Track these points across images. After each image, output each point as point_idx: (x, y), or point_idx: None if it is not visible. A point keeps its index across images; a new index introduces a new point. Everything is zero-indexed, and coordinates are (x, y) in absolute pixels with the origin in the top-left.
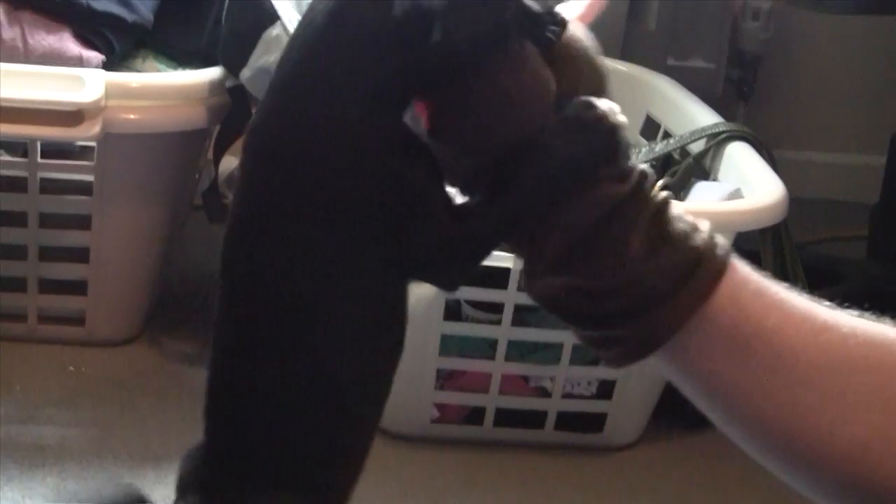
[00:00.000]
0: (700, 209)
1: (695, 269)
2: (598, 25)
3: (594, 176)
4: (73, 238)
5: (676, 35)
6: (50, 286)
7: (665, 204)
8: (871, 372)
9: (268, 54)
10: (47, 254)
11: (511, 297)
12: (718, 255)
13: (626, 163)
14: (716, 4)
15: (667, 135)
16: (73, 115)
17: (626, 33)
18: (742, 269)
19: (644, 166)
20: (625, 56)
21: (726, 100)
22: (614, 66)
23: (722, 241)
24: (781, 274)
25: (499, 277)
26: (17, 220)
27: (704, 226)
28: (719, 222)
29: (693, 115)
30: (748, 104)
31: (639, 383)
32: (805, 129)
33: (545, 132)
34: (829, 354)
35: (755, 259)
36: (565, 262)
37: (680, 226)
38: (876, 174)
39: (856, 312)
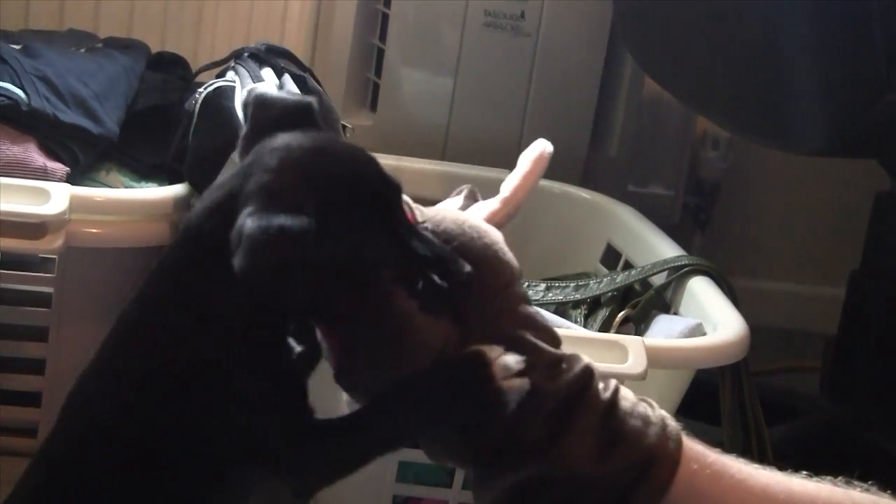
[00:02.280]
0: (662, 345)
1: (649, 468)
2: (559, 151)
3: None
4: (29, 349)
5: (636, 162)
6: (3, 397)
7: (615, 400)
8: None
9: None
10: (2, 365)
11: None
12: (672, 449)
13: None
14: (676, 132)
15: (628, 265)
16: (37, 228)
17: (587, 159)
18: (696, 452)
19: (585, 363)
20: (586, 182)
21: (683, 227)
22: (576, 193)
23: (674, 428)
24: (740, 411)
25: None
26: None
27: (656, 415)
28: (680, 359)
29: (654, 246)
30: (705, 232)
31: None
32: (761, 258)
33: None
34: None
35: (713, 394)
36: (514, 473)
37: (632, 423)
38: (831, 305)
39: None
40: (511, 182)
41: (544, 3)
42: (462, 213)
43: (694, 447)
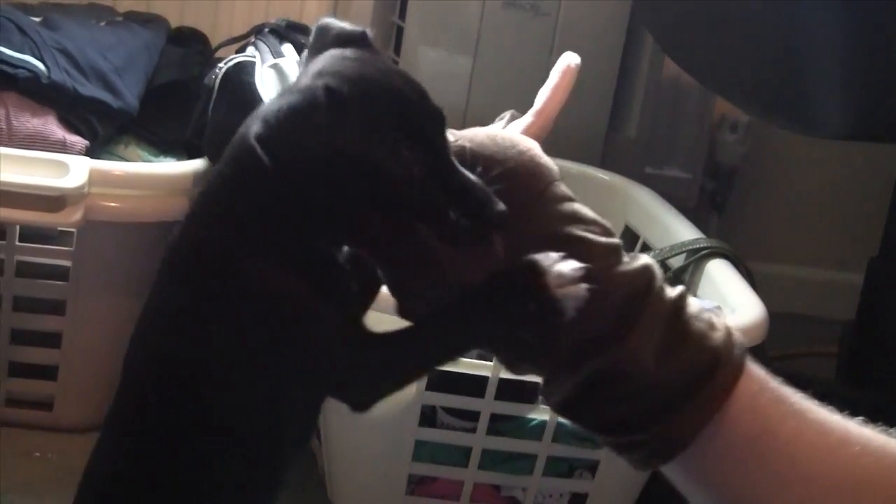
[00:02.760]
0: None
1: (712, 371)
2: (579, 132)
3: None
4: (46, 323)
5: (655, 144)
6: (19, 370)
7: (681, 302)
8: (883, 489)
9: None
10: (19, 337)
11: (487, 405)
12: (735, 357)
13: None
14: (695, 115)
15: (645, 247)
16: (56, 201)
17: (606, 141)
18: (758, 373)
19: (651, 262)
20: (604, 163)
21: (700, 210)
22: (595, 175)
23: (739, 339)
24: None
25: (476, 385)
26: None
27: (721, 323)
28: None
29: (673, 229)
30: (721, 215)
31: (611, 498)
32: (777, 243)
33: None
34: (843, 470)
35: None
36: (581, 370)
37: (697, 325)
38: (847, 291)
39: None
40: (542, 95)
41: None
42: (495, 128)
43: (757, 369)
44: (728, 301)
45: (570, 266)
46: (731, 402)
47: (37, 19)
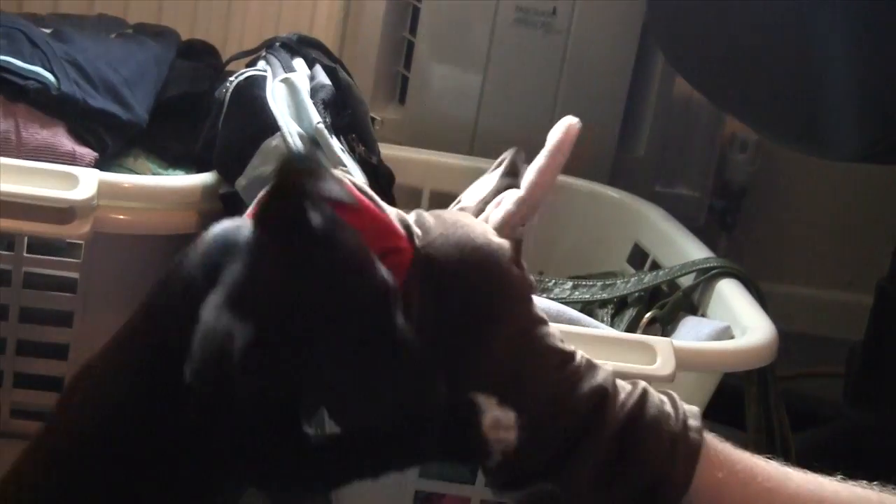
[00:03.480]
0: (690, 347)
1: (656, 489)
2: (588, 149)
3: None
4: (53, 335)
5: (664, 162)
6: (26, 381)
7: (637, 411)
8: None
9: (265, 164)
10: (25, 348)
11: None
12: (683, 469)
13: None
14: (704, 134)
15: (655, 265)
16: (65, 213)
17: (615, 159)
18: (724, 458)
19: (607, 375)
20: (613, 181)
21: (708, 229)
22: (604, 192)
23: (695, 439)
24: (765, 416)
25: None
26: None
27: (677, 422)
28: (709, 361)
29: (683, 248)
30: (730, 235)
31: None
32: (786, 262)
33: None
34: None
35: (738, 398)
36: (515, 494)
37: (645, 441)
38: (856, 312)
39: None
40: (528, 177)
41: (576, 0)
42: (471, 227)
43: (721, 452)
44: (738, 321)
45: (506, 416)
46: (692, 495)
47: (47, 31)
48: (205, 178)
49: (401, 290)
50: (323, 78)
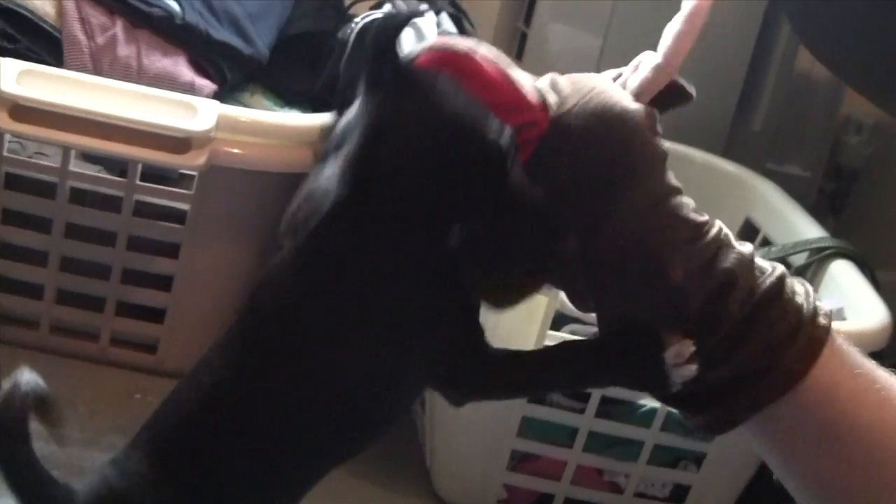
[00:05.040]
0: None
1: (775, 361)
2: (704, 119)
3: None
4: (159, 265)
5: (779, 139)
6: (128, 310)
7: (779, 285)
8: None
9: None
10: (130, 277)
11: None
12: (814, 341)
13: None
14: (821, 113)
15: (766, 242)
16: (181, 143)
17: (730, 131)
18: (849, 358)
19: (732, 261)
20: (726, 154)
21: (817, 211)
22: (720, 165)
23: (823, 325)
24: None
25: None
26: (106, 239)
27: (809, 307)
28: None
29: (795, 226)
30: (838, 218)
31: (715, 491)
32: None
33: None
34: None
35: None
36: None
37: (782, 309)
38: None
39: None
40: (665, 41)
41: None
42: (608, 94)
43: (846, 354)
44: (851, 303)
45: (687, 346)
46: (805, 387)
47: None
48: (323, 117)
49: (530, 155)
50: (449, 25)
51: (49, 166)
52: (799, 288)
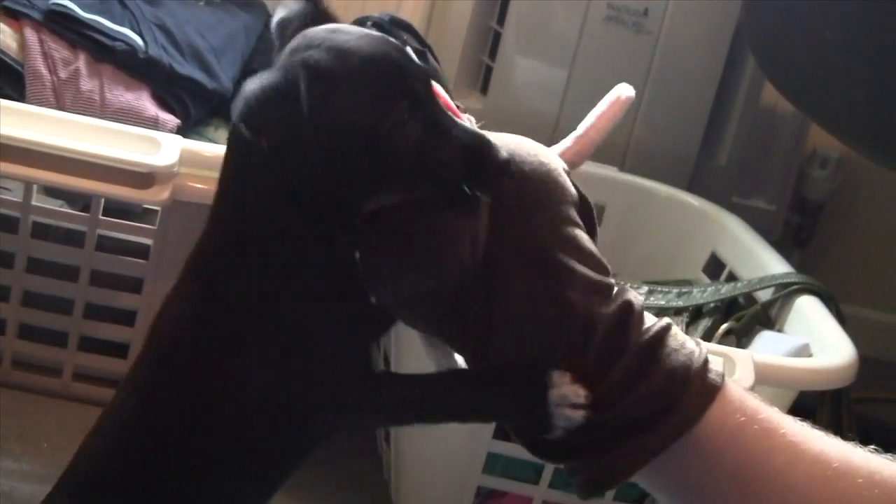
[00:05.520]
0: (770, 362)
1: (666, 410)
2: (670, 153)
3: None
4: (122, 300)
5: (744, 173)
6: (90, 345)
7: (662, 334)
8: None
9: None
10: (93, 312)
11: None
12: (705, 390)
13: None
14: (786, 147)
15: (731, 276)
16: (144, 178)
17: (696, 166)
18: (746, 405)
19: (631, 299)
20: (691, 188)
21: (782, 245)
22: (685, 199)
23: (716, 372)
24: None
25: None
26: (69, 274)
27: (699, 356)
28: (787, 378)
29: (762, 261)
30: (804, 252)
31: None
32: (859, 284)
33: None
34: (842, 502)
35: (808, 418)
36: None
37: (668, 360)
38: None
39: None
40: (587, 121)
41: (669, 1)
42: (529, 140)
43: (745, 400)
44: (817, 339)
45: (575, 392)
46: (708, 431)
47: None
48: None
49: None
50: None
51: (11, 201)
52: (690, 339)
